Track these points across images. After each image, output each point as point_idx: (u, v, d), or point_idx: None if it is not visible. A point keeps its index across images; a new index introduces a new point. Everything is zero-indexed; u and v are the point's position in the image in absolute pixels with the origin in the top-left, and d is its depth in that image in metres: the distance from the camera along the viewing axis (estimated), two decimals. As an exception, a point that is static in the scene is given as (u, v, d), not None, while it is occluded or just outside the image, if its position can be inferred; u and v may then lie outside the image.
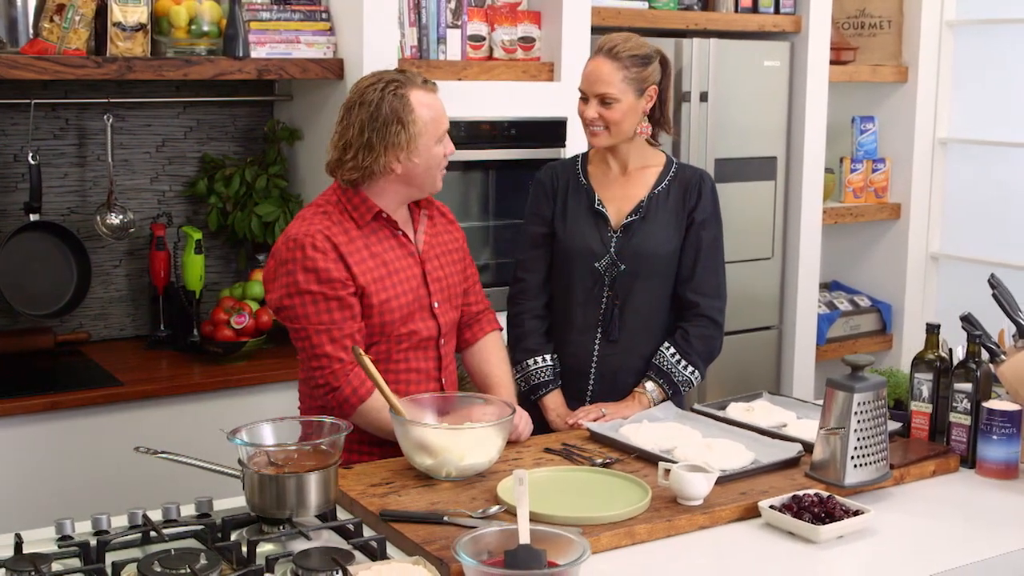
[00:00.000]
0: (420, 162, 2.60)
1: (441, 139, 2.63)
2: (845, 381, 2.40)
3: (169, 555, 1.94)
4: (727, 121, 4.38)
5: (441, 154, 2.64)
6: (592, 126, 2.91)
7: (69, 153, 3.71)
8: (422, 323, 2.67)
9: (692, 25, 4.32)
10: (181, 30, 3.50)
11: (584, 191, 3.01)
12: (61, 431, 3.17)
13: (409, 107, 2.56)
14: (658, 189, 2.98)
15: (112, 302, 3.83)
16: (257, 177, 3.83)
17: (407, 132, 2.56)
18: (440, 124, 2.62)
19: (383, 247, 2.64)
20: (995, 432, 2.56)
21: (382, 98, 2.55)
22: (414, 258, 2.69)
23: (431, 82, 2.65)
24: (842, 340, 4.96)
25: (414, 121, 2.56)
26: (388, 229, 2.66)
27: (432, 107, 2.61)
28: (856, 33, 5.03)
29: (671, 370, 2.94)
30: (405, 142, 2.56)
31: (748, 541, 2.20)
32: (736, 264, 4.45)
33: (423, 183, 2.66)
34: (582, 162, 3.07)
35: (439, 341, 2.72)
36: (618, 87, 2.86)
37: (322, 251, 2.54)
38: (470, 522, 2.15)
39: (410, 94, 2.57)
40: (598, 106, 2.88)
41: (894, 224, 5.06)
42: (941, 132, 5.03)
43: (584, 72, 2.92)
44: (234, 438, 2.19)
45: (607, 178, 3.02)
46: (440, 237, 2.79)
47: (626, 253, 2.95)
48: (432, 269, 2.72)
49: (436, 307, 2.70)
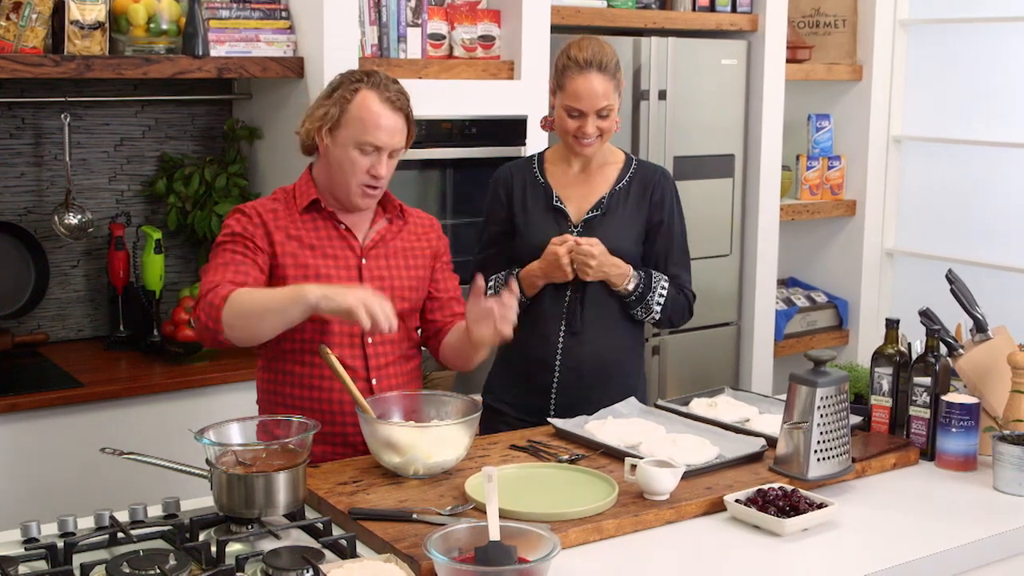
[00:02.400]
0: (335, 153, 2.62)
1: (363, 149, 2.60)
2: (808, 376, 2.43)
3: (138, 556, 1.94)
4: (685, 119, 4.41)
5: (360, 163, 2.60)
6: (587, 138, 2.92)
7: (26, 152, 3.67)
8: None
9: (650, 24, 4.34)
10: (140, 28, 3.47)
11: (542, 189, 3.03)
12: (20, 433, 3.14)
13: (351, 98, 2.61)
14: (619, 186, 3.00)
15: (70, 303, 3.80)
16: (217, 176, 3.81)
17: (335, 112, 2.61)
18: (367, 132, 2.58)
19: (320, 235, 2.66)
20: (954, 425, 2.60)
21: (341, 82, 2.65)
22: (353, 251, 2.68)
23: (397, 100, 2.63)
24: (799, 336, 5.01)
25: (347, 111, 2.61)
26: (328, 220, 2.67)
27: (371, 114, 2.59)
28: (811, 32, 5.08)
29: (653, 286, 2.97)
30: (330, 120, 2.62)
31: (714, 535, 2.22)
32: (695, 261, 4.39)
33: (337, 182, 2.65)
34: (539, 161, 3.08)
35: (364, 338, 2.66)
36: (612, 97, 2.90)
37: (248, 216, 2.63)
38: (439, 519, 2.15)
39: (362, 91, 2.61)
40: (596, 120, 2.90)
41: (850, 221, 5.12)
42: (895, 130, 5.09)
43: (576, 91, 2.88)
44: (201, 438, 2.18)
45: (566, 176, 3.04)
46: (399, 243, 2.75)
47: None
48: (373, 267, 2.69)
49: None
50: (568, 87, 2.90)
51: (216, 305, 2.46)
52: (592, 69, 2.87)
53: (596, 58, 2.88)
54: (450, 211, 3.93)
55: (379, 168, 2.61)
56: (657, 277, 2.99)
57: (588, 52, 2.89)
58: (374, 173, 2.61)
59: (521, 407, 3.00)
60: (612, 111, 2.91)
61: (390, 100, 2.61)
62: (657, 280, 2.99)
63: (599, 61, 2.88)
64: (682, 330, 4.50)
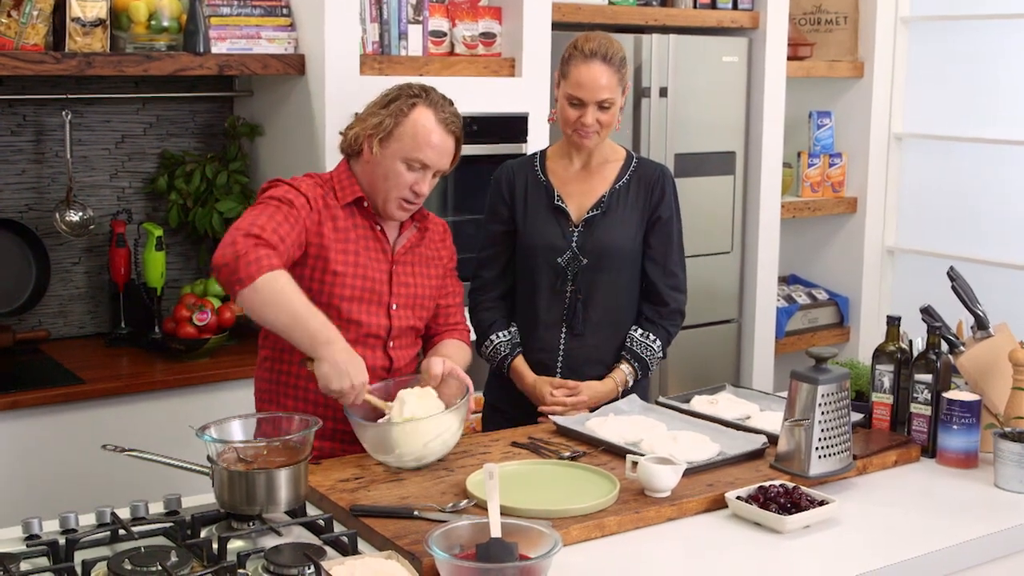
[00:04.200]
0: (381, 163, 2.62)
1: (411, 165, 2.61)
2: (809, 373, 2.43)
3: (139, 553, 1.94)
4: (686, 116, 4.40)
5: (405, 178, 2.62)
6: (586, 129, 2.91)
7: (27, 150, 3.67)
8: (373, 317, 2.66)
9: (651, 21, 4.34)
10: (141, 25, 3.47)
11: (543, 188, 3.02)
12: (22, 430, 3.14)
13: (407, 112, 2.62)
14: (619, 184, 3.00)
15: (72, 300, 3.80)
16: (218, 173, 3.81)
17: (390, 124, 2.61)
18: (418, 149, 2.60)
19: (357, 232, 2.66)
20: (955, 422, 2.60)
21: (399, 95, 2.66)
22: (385, 255, 2.69)
23: (451, 123, 2.66)
24: (800, 333, 5.00)
25: (400, 124, 2.61)
26: (367, 219, 2.68)
27: (425, 131, 2.61)
28: (813, 29, 5.08)
29: (640, 349, 3.00)
30: (384, 130, 2.61)
31: (716, 532, 2.22)
32: (696, 258, 4.46)
33: (378, 191, 2.65)
34: (540, 159, 3.08)
35: (387, 342, 2.69)
36: (614, 90, 2.90)
37: (306, 195, 2.60)
38: (441, 516, 2.15)
39: (419, 107, 2.63)
40: (596, 111, 2.89)
41: (851, 218, 5.12)
42: (896, 127, 5.09)
43: (578, 79, 2.89)
44: (203, 434, 2.18)
45: (567, 174, 3.03)
46: (424, 250, 2.79)
47: (588, 247, 2.96)
48: (401, 273, 2.71)
49: (393, 308, 2.69)
50: (571, 75, 2.90)
51: (257, 265, 2.39)
52: (596, 59, 2.88)
53: (601, 49, 2.88)
54: (451, 208, 3.93)
55: (422, 186, 2.64)
56: (645, 348, 3.01)
57: (594, 43, 2.90)
58: (416, 190, 2.64)
59: (521, 406, 3.00)
60: (613, 105, 2.91)
61: (444, 121, 2.64)
62: (649, 354, 3.01)
63: (604, 52, 2.88)
64: (683, 327, 4.48)
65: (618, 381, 2.98)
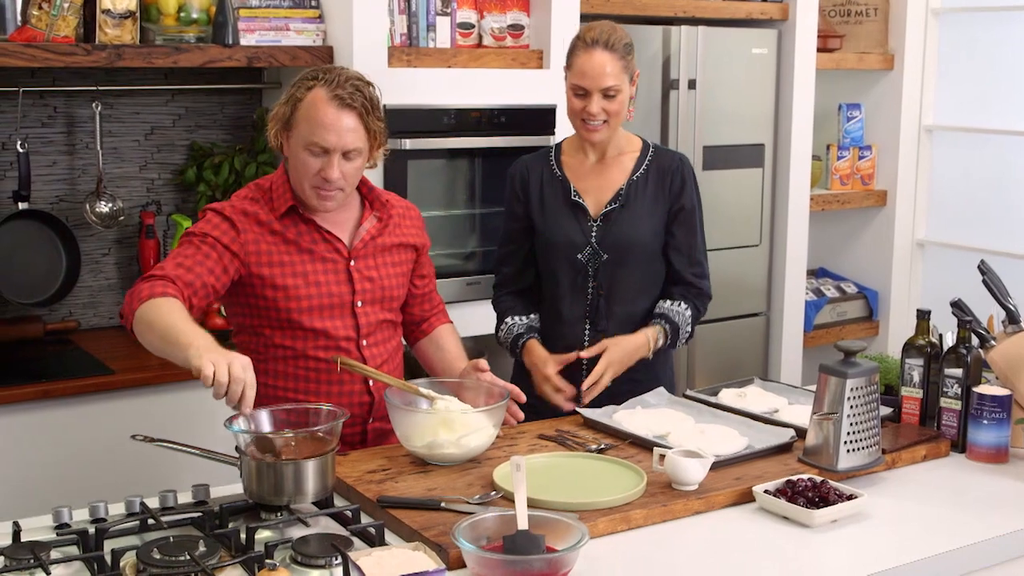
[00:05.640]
0: (291, 155, 2.57)
1: (312, 150, 2.51)
2: (838, 367, 2.41)
3: (168, 542, 1.95)
4: (715, 109, 4.39)
5: (311, 165, 2.52)
6: (592, 120, 2.88)
7: (58, 141, 3.69)
8: (337, 320, 2.61)
9: (680, 13, 4.32)
10: (170, 17, 3.49)
11: (559, 183, 3.00)
12: (53, 420, 3.17)
13: (302, 97, 2.53)
14: (636, 175, 2.98)
15: (101, 290, 3.82)
16: (246, 165, 3.82)
17: (287, 112, 2.55)
18: (312, 132, 2.50)
19: (303, 240, 2.60)
20: (985, 417, 2.58)
21: (298, 82, 2.57)
22: (340, 254, 2.63)
23: (349, 97, 2.50)
24: (829, 327, 4.98)
25: (297, 110, 2.53)
26: (308, 224, 2.61)
27: (317, 113, 2.50)
28: (842, 20, 5.05)
29: (671, 314, 2.96)
30: (282, 120, 2.56)
31: (743, 525, 2.22)
32: (724, 251, 4.47)
33: (295, 184, 2.58)
34: (556, 154, 3.05)
35: (359, 342, 2.65)
36: (619, 78, 2.85)
37: (226, 218, 2.56)
38: (467, 508, 2.15)
39: (314, 89, 2.52)
40: (602, 100, 2.85)
41: (880, 211, 5.09)
42: (927, 119, 5.05)
43: (581, 67, 2.87)
44: (231, 425, 2.19)
45: (583, 168, 3.01)
46: (386, 239, 2.71)
47: (608, 242, 2.95)
48: (362, 268, 2.65)
49: (358, 306, 2.64)
50: (575, 65, 2.88)
51: (140, 298, 2.38)
52: (598, 47, 2.84)
53: (603, 37, 2.85)
54: (478, 200, 3.93)
55: (329, 171, 2.51)
56: (676, 314, 2.97)
57: (596, 31, 2.86)
58: (325, 176, 2.51)
59: (546, 401, 2.98)
60: (620, 93, 2.86)
61: (340, 98, 2.50)
62: (680, 320, 2.97)
63: (605, 39, 2.84)
64: (711, 320, 4.47)
65: (649, 336, 2.93)
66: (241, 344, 2.67)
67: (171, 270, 2.46)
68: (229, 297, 2.62)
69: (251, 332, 2.64)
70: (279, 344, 2.61)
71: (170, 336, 2.28)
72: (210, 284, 2.50)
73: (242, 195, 2.64)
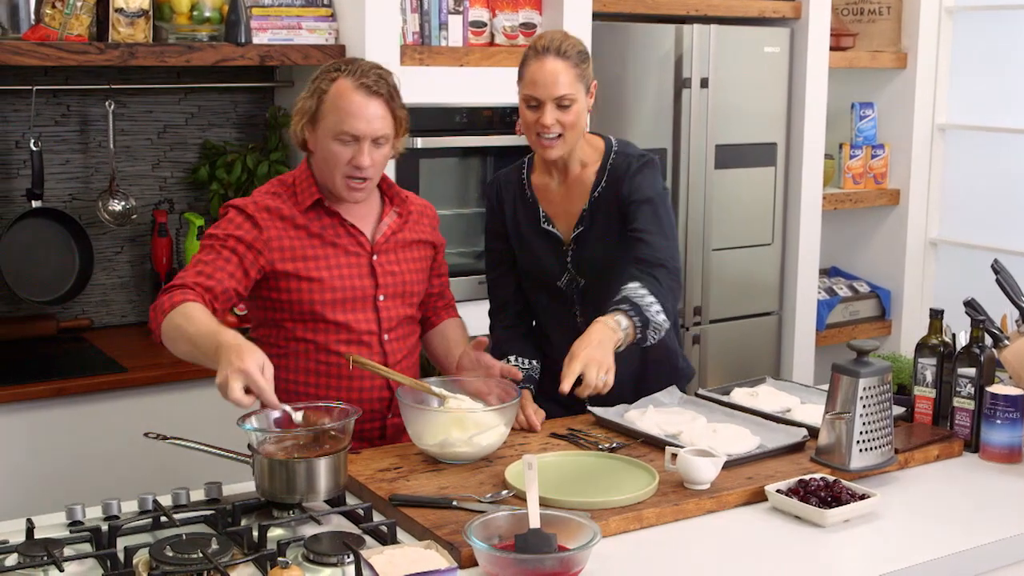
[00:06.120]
0: (319, 147, 2.57)
1: (342, 139, 2.52)
2: (851, 366, 2.41)
3: (180, 540, 1.95)
4: (727, 107, 4.38)
5: (341, 155, 2.53)
6: (546, 134, 2.70)
7: (71, 139, 3.70)
8: (361, 314, 2.62)
9: (692, 11, 4.32)
10: (183, 16, 3.49)
11: (530, 206, 2.87)
12: (66, 417, 3.18)
13: (327, 88, 2.54)
14: (597, 192, 2.81)
15: (114, 288, 3.83)
16: (258, 164, 3.83)
17: (313, 105, 2.56)
18: (342, 122, 2.51)
19: (327, 233, 2.61)
20: (999, 416, 2.57)
21: (320, 75, 2.58)
22: (363, 248, 2.64)
23: (374, 84, 2.52)
24: (841, 326, 4.97)
25: (323, 101, 2.54)
26: (333, 218, 2.62)
27: (345, 102, 2.51)
28: (855, 19, 5.04)
29: (643, 306, 2.57)
30: (308, 113, 2.56)
31: (755, 525, 2.21)
32: (736, 250, 4.47)
33: (325, 176, 2.58)
34: (527, 168, 2.91)
35: (381, 336, 2.66)
36: (573, 86, 2.68)
37: (249, 216, 2.56)
38: (479, 507, 2.15)
39: (338, 80, 2.54)
40: (556, 111, 2.68)
41: (893, 210, 5.07)
42: (940, 118, 5.04)
43: (532, 76, 2.69)
44: (244, 424, 2.20)
45: (549, 189, 2.86)
46: (406, 235, 2.72)
47: (583, 267, 2.84)
48: (384, 263, 2.66)
49: (380, 300, 2.65)
50: (525, 74, 2.72)
51: (163, 310, 2.39)
52: (549, 54, 2.67)
53: (554, 44, 2.69)
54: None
55: (360, 158, 2.52)
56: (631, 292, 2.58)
57: (547, 39, 2.71)
58: (355, 164, 2.52)
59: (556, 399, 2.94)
60: (575, 103, 2.68)
61: (366, 86, 2.52)
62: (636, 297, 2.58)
63: (557, 47, 2.68)
64: (723, 319, 4.49)
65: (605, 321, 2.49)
66: (261, 338, 2.66)
67: (191, 279, 2.47)
68: (250, 291, 2.63)
69: (272, 325, 2.64)
70: (300, 337, 2.61)
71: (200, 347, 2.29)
72: (231, 289, 2.51)
73: (264, 191, 2.65)
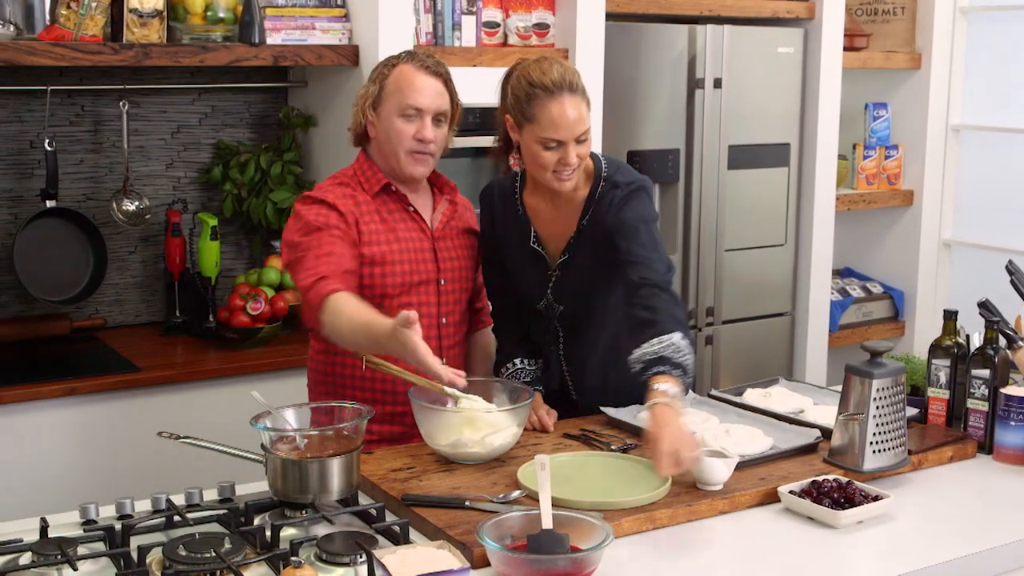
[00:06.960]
0: (382, 127, 2.69)
1: (406, 114, 2.65)
2: (864, 367, 2.40)
3: (194, 539, 1.96)
4: (741, 108, 4.37)
5: (406, 130, 2.65)
6: (567, 171, 2.60)
7: (85, 140, 3.71)
8: (423, 297, 2.70)
9: (706, 11, 4.31)
10: (197, 16, 3.50)
11: (522, 224, 2.78)
12: (79, 416, 3.18)
13: (388, 73, 2.70)
14: (585, 219, 2.71)
15: (128, 288, 3.84)
16: (272, 164, 3.84)
17: (375, 89, 2.70)
18: (405, 97, 2.65)
19: (394, 217, 2.70)
20: (1013, 418, 2.56)
21: (380, 65, 2.74)
22: (425, 234, 2.73)
23: (434, 66, 2.69)
24: (855, 327, 4.96)
25: (386, 84, 2.69)
26: (399, 203, 2.72)
27: (408, 80, 2.66)
28: (869, 19, 5.02)
29: (685, 365, 2.47)
30: (372, 97, 2.70)
31: (768, 526, 2.21)
32: (749, 251, 4.46)
33: (389, 156, 2.69)
34: (520, 187, 2.80)
35: (440, 319, 2.73)
36: (588, 119, 2.59)
37: (336, 209, 2.63)
38: (492, 507, 2.15)
39: (400, 65, 2.69)
40: (576, 147, 2.57)
41: (907, 211, 5.06)
42: (954, 119, 5.02)
43: (552, 119, 2.53)
44: (257, 423, 2.20)
45: (541, 207, 2.77)
46: (458, 223, 2.82)
47: (564, 294, 2.76)
48: (444, 248, 2.76)
49: (442, 284, 2.73)
50: (542, 117, 2.54)
51: (315, 306, 2.47)
52: (564, 92, 2.54)
53: (565, 78, 2.55)
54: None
55: (424, 131, 2.65)
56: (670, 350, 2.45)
57: (554, 73, 2.55)
58: (420, 137, 2.65)
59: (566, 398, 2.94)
60: (588, 134, 2.59)
61: (427, 67, 2.68)
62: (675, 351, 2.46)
63: (569, 82, 2.55)
64: (736, 320, 4.48)
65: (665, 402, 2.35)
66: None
67: (324, 269, 2.50)
68: None
69: None
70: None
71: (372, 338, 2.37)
72: (353, 270, 2.59)
73: (326, 185, 2.72)
